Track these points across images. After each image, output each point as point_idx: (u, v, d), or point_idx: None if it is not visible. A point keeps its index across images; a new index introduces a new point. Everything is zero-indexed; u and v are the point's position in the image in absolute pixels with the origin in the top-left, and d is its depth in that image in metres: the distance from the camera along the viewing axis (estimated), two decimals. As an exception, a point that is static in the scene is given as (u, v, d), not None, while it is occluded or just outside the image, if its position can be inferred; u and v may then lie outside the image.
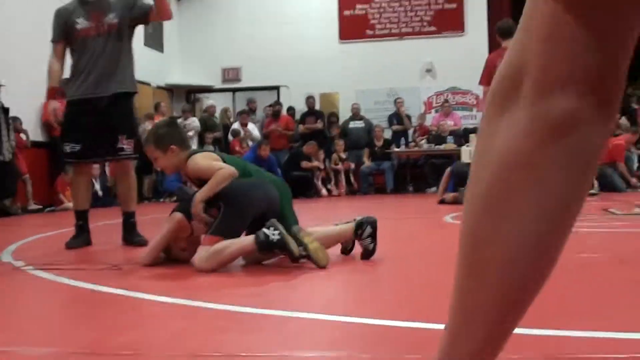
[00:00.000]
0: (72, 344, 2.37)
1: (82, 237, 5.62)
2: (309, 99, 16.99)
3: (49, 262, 4.41)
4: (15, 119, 11.78)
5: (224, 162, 4.27)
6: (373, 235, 4.26)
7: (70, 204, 11.72)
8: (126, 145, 5.57)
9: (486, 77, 8.88)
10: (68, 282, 3.66)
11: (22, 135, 11.91)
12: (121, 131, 5.56)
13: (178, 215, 4.29)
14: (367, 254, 4.28)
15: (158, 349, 2.24)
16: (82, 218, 5.68)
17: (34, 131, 12.04)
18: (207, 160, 4.27)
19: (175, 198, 14.37)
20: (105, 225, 6.05)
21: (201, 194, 4.13)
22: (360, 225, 4.28)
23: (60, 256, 4.92)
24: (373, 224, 4.27)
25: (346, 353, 2.14)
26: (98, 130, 5.51)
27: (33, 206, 11.75)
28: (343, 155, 16.09)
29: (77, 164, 5.68)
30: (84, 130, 5.51)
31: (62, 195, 12.03)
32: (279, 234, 3.85)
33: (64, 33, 5.56)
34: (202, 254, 3.97)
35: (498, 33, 9.16)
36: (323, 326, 2.54)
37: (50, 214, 11.19)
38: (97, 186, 12.46)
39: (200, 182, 4.25)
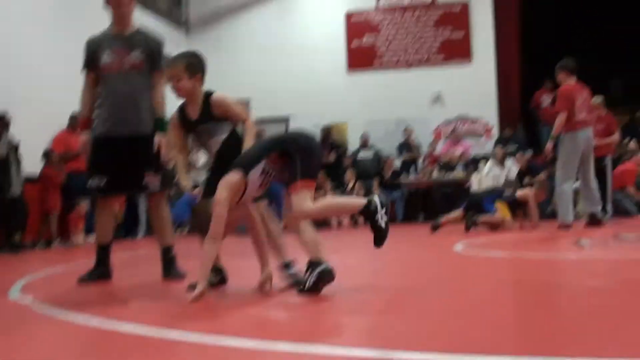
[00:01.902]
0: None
1: (97, 270, 5.62)
2: (324, 131, 16.72)
3: (58, 299, 4.40)
4: (50, 153, 11.80)
5: None
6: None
7: (79, 239, 11.81)
8: (152, 180, 5.57)
9: (564, 104, 9.74)
10: (75, 319, 3.64)
11: (56, 170, 11.92)
12: (146, 168, 5.55)
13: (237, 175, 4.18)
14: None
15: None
16: (102, 252, 5.68)
17: (40, 164, 11.95)
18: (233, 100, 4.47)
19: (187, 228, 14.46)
20: (116, 258, 6.04)
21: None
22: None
23: (70, 292, 4.92)
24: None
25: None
26: (123, 166, 5.52)
27: (57, 244, 11.74)
28: (350, 185, 15.99)
29: (102, 198, 5.67)
30: (109, 165, 5.52)
31: (73, 231, 12.05)
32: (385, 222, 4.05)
33: (92, 64, 5.58)
34: (304, 200, 4.07)
35: (566, 70, 9.98)
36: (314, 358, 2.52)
37: (61, 249, 11.18)
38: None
39: (219, 118, 4.59)
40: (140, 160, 5.54)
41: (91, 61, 5.59)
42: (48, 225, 11.79)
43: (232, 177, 4.14)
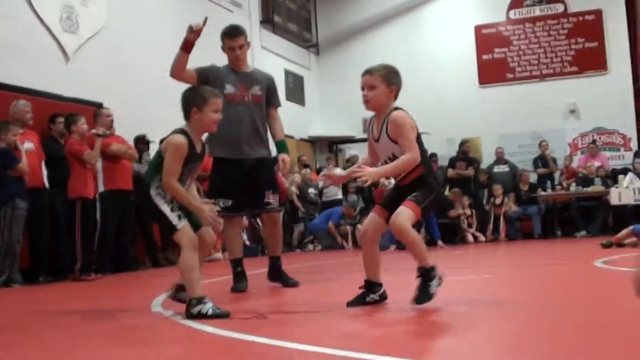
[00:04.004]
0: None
1: (244, 281, 6.08)
2: (464, 144, 16.49)
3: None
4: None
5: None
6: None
7: (218, 255, 12.06)
8: (272, 199, 6.17)
9: None
10: (214, 331, 3.72)
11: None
12: (267, 187, 6.16)
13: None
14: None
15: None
16: (239, 265, 6.14)
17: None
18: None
19: (321, 245, 14.60)
20: (253, 274, 6.22)
21: (383, 171, 4.47)
22: None
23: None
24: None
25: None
26: (246, 187, 6.08)
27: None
28: (498, 201, 15.66)
29: (229, 217, 6.06)
30: (233, 186, 6.04)
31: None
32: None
33: (208, 80, 5.92)
34: (405, 216, 4.21)
35: None
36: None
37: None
38: (245, 236, 12.70)
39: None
40: (262, 182, 6.16)
41: (208, 78, 5.97)
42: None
43: None
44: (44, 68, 10.00)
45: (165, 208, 4.36)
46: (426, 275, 4.23)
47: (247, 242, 12.88)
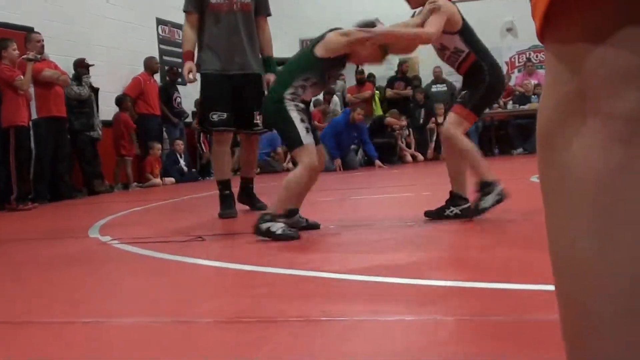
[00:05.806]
0: (158, 314, 2.39)
1: (234, 207, 5.75)
2: (402, 64, 16.43)
3: (135, 236, 4.48)
4: (124, 97, 11.90)
5: None
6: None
7: (156, 181, 11.95)
8: (259, 120, 5.74)
9: None
10: (153, 254, 3.71)
11: (130, 115, 11.93)
12: (256, 107, 5.68)
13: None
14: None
15: (241, 314, 2.24)
16: (228, 187, 5.77)
17: (114, 110, 11.98)
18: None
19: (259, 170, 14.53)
20: (192, 198, 6.16)
21: (385, 30, 4.27)
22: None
23: (145, 230, 5.01)
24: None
25: (430, 317, 2.10)
26: (235, 103, 5.67)
27: (134, 187, 11.87)
28: (440, 120, 15.66)
29: (221, 133, 5.74)
30: (226, 100, 5.64)
31: (150, 173, 12.16)
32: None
33: (197, 5, 5.64)
34: (451, 121, 4.28)
35: None
36: (405, 290, 2.50)
37: (137, 191, 11.31)
38: (182, 162, 12.60)
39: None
40: (250, 100, 5.70)
41: (196, 2, 5.66)
42: (124, 169, 11.90)
43: None
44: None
45: (296, 116, 4.11)
46: (481, 189, 4.16)
47: (185, 168, 12.78)
